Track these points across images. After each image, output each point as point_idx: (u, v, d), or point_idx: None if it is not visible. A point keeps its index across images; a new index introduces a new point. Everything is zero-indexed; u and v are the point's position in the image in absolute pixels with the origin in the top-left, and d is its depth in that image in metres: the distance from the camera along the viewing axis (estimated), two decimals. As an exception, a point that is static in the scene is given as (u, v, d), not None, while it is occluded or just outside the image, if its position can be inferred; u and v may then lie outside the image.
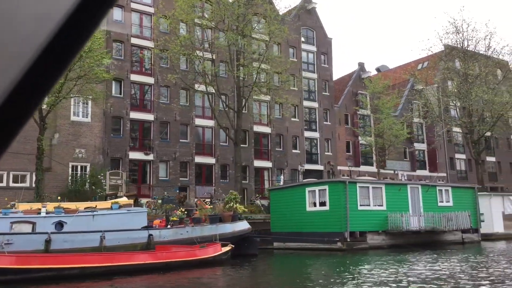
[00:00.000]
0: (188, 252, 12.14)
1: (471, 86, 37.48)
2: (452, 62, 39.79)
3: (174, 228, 14.26)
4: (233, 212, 16.52)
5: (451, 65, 38.92)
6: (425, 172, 46.75)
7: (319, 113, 41.16)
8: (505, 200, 28.25)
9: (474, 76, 37.28)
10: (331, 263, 17.26)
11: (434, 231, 20.78)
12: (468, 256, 17.93)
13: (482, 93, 35.77)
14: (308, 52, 41.71)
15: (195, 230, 14.46)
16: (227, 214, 16.12)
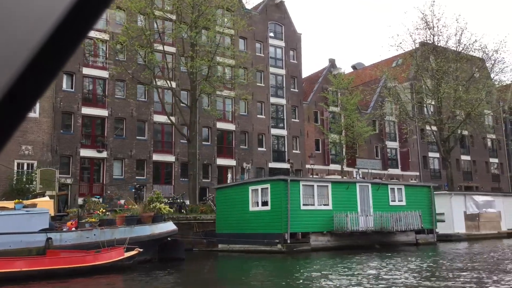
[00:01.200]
0: (79, 258, 10.91)
1: (439, 82, 36.64)
2: (423, 59, 38.88)
3: (79, 230, 13.00)
4: (155, 212, 15.29)
5: (421, 61, 38.01)
6: (397, 171, 45.92)
7: (287, 110, 40.06)
8: (467, 200, 27.36)
9: (442, 72, 36.40)
10: (265, 267, 16.13)
11: (383, 231, 19.73)
12: (412, 259, 16.91)
13: (450, 90, 34.92)
14: (276, 47, 40.58)
15: (105, 233, 13.22)
16: (146, 215, 14.89)
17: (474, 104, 34.99)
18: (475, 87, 36.10)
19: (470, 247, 22.81)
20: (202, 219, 24.06)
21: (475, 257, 18.50)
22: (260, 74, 39.16)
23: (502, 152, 54.86)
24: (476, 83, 37.18)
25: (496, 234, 27.90)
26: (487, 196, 29.09)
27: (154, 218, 14.99)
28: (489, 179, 52.80)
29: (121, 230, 13.61)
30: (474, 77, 38.29)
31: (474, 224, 27.23)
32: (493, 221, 28.20)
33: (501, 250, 21.65)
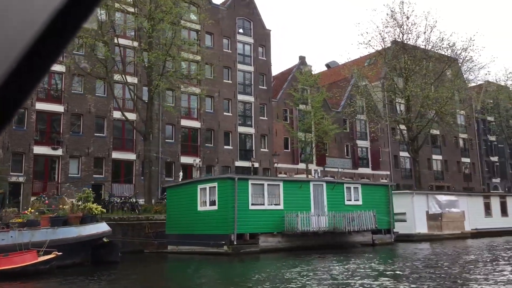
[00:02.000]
0: (-24, 263, 9.93)
1: (407, 81, 36.30)
2: (392, 57, 38.49)
3: (-8, 232, 11.99)
4: (85, 213, 14.30)
5: (389, 60, 37.61)
6: (367, 170, 45.55)
7: (255, 108, 39.26)
8: (429, 199, 26.94)
9: (408, 70, 36.05)
10: (204, 270, 15.28)
11: (336, 232, 19.05)
12: (364, 260, 16.26)
13: (416, 88, 34.58)
14: (244, 44, 39.75)
15: (23, 234, 12.21)
16: (74, 215, 13.89)
17: (441, 103, 34.68)
18: (443, 85, 35.81)
19: (429, 247, 22.33)
20: (155, 219, 23.09)
21: (429, 257, 17.96)
22: (228, 70, 38.31)
23: (474, 152, 55.05)
24: (444, 82, 36.91)
25: (460, 234, 27.56)
26: (451, 195, 28.75)
27: (84, 219, 14.01)
28: (460, 178, 52.89)
29: (42, 232, 12.61)
30: (446, 76, 38.00)
31: (436, 224, 26.82)
32: (456, 221, 27.86)
33: (459, 250, 21.21)
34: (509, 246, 22.44)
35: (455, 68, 38.17)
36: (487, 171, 55.77)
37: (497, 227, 29.99)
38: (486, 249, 21.11)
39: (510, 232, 30.11)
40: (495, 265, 14.32)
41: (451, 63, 36.81)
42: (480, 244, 23.96)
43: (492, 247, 22.62)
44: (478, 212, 29.30)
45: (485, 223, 29.38)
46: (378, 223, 21.34)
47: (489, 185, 55.49)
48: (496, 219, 30.30)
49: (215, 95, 37.17)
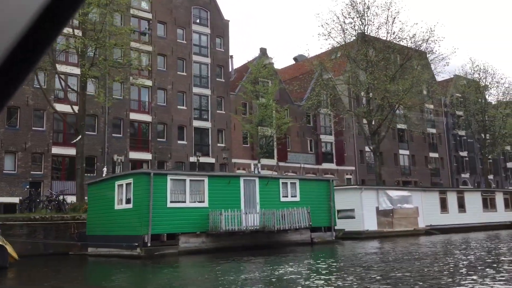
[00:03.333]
0: None
1: (366, 73, 35.18)
2: (353, 49, 37.32)
3: None
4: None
5: (350, 51, 36.42)
6: (331, 165, 44.45)
7: (212, 101, 37.72)
8: (380, 195, 25.80)
9: (369, 62, 34.94)
10: (107, 276, 13.77)
11: (268, 231, 17.68)
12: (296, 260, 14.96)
13: (373, 81, 33.48)
14: (200, 34, 38.14)
15: None
16: None
17: (399, 95, 33.63)
18: (404, 78, 34.74)
19: (374, 245, 21.16)
20: (82, 219, 21.44)
21: (369, 256, 16.74)
22: (182, 62, 36.69)
23: (443, 147, 54.41)
24: (406, 75, 35.81)
25: (412, 231, 26.52)
26: (403, 191, 27.69)
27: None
28: (428, 174, 52.20)
29: None
30: (414, 69, 36.76)
31: (387, 220, 25.72)
32: (409, 217, 26.82)
33: (406, 248, 20.06)
34: (452, 243, 21.40)
35: (420, 60, 37.02)
36: (456, 166, 55.22)
37: (454, 223, 29.09)
38: (433, 246, 20.01)
39: (467, 228, 29.24)
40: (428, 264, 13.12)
41: (411, 55, 35.72)
42: (432, 241, 22.90)
43: (443, 244, 21.58)
44: (433, 208, 28.32)
45: (440, 220, 28.42)
46: (318, 220, 20.11)
47: (458, 180, 54.96)
48: (453, 215, 29.38)
49: (168, 88, 35.56)
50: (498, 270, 11.31)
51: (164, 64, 35.73)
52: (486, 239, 23.79)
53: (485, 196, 31.97)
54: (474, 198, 31.13)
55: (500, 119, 44.11)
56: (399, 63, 36.29)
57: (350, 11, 36.40)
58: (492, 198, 32.44)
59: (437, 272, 11.44)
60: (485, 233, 28.40)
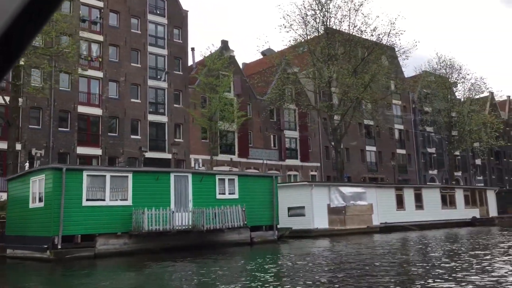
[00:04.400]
0: None
1: (328, 67, 34.21)
2: (314, 42, 36.31)
3: None
4: None
5: (311, 44, 35.39)
6: (296, 161, 43.49)
7: (169, 94, 36.22)
8: (332, 191, 24.83)
9: (329, 55, 33.98)
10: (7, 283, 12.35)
11: (195, 230, 16.44)
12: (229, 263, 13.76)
13: (331, 74, 32.53)
14: (157, 25, 36.57)
15: None
16: None
17: (358, 89, 32.76)
18: (363, 72, 33.85)
19: (320, 244, 20.14)
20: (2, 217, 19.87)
21: (305, 257, 15.65)
22: (137, 53, 35.09)
23: (410, 143, 54.02)
24: (367, 69, 34.94)
25: (366, 228, 25.66)
26: (357, 187, 26.80)
27: None
28: (395, 170, 51.67)
29: None
30: (381, 63, 35.81)
31: (339, 218, 24.78)
32: (363, 214, 25.94)
33: (350, 247, 19.09)
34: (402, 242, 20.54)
35: (381, 54, 36.15)
36: (424, 162, 54.93)
37: (410, 220, 28.36)
38: (377, 246, 19.09)
39: (424, 226, 28.55)
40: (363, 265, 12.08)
41: (373, 49, 34.86)
42: (381, 240, 22.01)
43: (392, 243, 20.70)
44: (389, 204, 27.52)
45: (396, 217, 27.65)
46: (259, 219, 18.99)
47: (426, 176, 54.70)
48: (410, 212, 28.65)
49: (121, 80, 33.95)
50: (427, 270, 10.34)
51: (117, 55, 34.10)
52: (438, 237, 23.05)
53: (444, 193, 31.38)
54: (433, 195, 30.50)
55: (466, 115, 43.77)
56: (360, 56, 35.39)
57: (312, 3, 35.40)
58: (452, 195, 31.88)
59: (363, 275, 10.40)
60: (443, 231, 27.77)
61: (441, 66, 45.21)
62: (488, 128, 46.44)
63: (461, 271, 10.13)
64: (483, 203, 33.93)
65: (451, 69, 44.38)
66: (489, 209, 34.27)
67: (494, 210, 34.95)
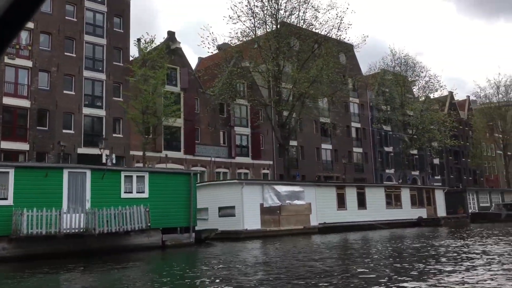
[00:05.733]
0: None
1: (271, 61, 32.84)
2: (262, 35, 34.87)
3: None
4: None
5: (259, 37, 33.95)
6: (246, 159, 42.01)
7: (108, 87, 34.09)
8: (266, 190, 23.39)
9: (277, 49, 32.61)
10: None
11: (86, 234, 14.65)
12: (124, 272, 12.00)
13: (280, 68, 31.22)
14: (95, 12, 34.35)
15: None
16: None
17: (302, 84, 31.48)
18: (311, 67, 32.56)
19: (245, 247, 18.62)
20: None
21: (216, 262, 14.07)
22: (72, 42, 32.81)
23: (367, 142, 53.35)
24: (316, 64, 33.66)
25: (303, 229, 24.34)
26: (294, 186, 25.45)
27: None
28: (352, 169, 50.90)
29: None
30: (313, 54, 34.46)
31: (273, 218, 23.37)
32: (300, 214, 24.63)
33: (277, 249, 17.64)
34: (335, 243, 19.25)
35: (329, 48, 34.91)
36: (381, 161, 54.37)
37: (352, 221, 27.25)
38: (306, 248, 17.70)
39: (367, 226, 27.51)
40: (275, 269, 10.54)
41: (320, 43, 33.67)
42: (317, 241, 20.70)
43: (326, 244, 19.38)
44: (329, 204, 26.31)
45: (337, 217, 26.47)
46: (173, 220, 17.34)
47: (383, 175, 54.16)
48: (352, 212, 27.54)
49: (53, 70, 31.64)
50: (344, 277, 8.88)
51: (49, 43, 31.77)
52: (375, 238, 21.94)
53: (389, 192, 30.45)
54: (377, 194, 29.51)
55: (419, 114, 43.22)
56: (309, 51, 34.14)
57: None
58: (397, 195, 31.00)
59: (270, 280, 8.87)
60: (388, 231, 26.77)
61: (395, 64, 44.53)
62: (442, 127, 46.12)
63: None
64: (431, 202, 33.23)
65: (406, 66, 43.75)
66: (437, 209, 33.60)
67: (442, 210, 34.32)
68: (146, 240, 16.58)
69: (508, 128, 58.73)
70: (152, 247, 16.75)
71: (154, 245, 16.82)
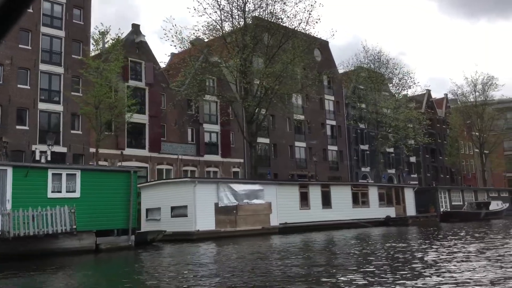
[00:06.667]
0: None
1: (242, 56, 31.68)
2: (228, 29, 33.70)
3: None
4: None
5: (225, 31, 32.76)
6: (216, 157, 40.82)
7: (66, 81, 32.55)
8: (221, 189, 22.23)
9: (243, 43, 31.46)
10: None
11: (2, 238, 13.32)
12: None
13: (237, 60, 30.06)
14: (53, 3, 32.77)
15: None
16: None
17: (267, 79, 30.41)
18: (275, 61, 31.44)
19: (191, 250, 17.45)
20: None
21: (142, 268, 12.88)
22: (27, 34, 31.20)
23: (342, 140, 52.55)
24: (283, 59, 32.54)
25: (261, 230, 23.26)
26: (253, 184, 24.35)
27: None
28: (326, 167, 50.05)
29: None
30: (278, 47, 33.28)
31: (229, 219, 22.25)
32: (259, 214, 23.55)
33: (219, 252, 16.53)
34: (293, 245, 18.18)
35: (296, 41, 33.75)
36: (356, 159, 53.63)
37: (316, 220, 26.27)
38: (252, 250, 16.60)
39: (332, 226, 26.54)
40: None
41: (288, 37, 32.61)
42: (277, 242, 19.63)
43: (283, 246, 18.32)
44: (292, 203, 25.28)
45: (299, 216, 25.46)
46: (109, 222, 16.08)
47: (358, 174, 53.45)
48: (316, 211, 26.55)
49: (6, 63, 30.04)
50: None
51: None
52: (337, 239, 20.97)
53: (356, 190, 29.54)
54: (343, 192, 28.58)
55: (392, 111, 42.51)
56: (276, 45, 33.04)
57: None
58: (365, 193, 30.12)
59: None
60: (355, 231, 25.83)
61: (369, 61, 43.73)
62: (418, 125, 45.54)
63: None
64: (400, 201, 32.45)
65: (379, 63, 42.98)
66: (407, 208, 32.84)
67: (412, 209, 33.57)
68: (76, 243, 15.29)
69: (485, 126, 58.49)
70: (84, 251, 15.46)
71: (86, 248, 15.53)
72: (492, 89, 56.14)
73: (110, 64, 25.97)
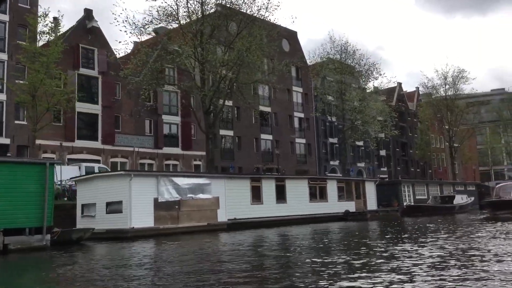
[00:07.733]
0: None
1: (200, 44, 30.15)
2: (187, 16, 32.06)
3: None
4: None
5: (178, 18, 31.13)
6: (176, 149, 39.33)
7: (10, 68, 30.53)
8: (162, 183, 20.81)
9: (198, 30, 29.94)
10: None
11: None
12: None
13: (203, 51, 28.64)
14: (-5, -16, 30.54)
15: None
16: None
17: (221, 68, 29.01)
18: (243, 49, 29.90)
19: (119, 250, 16.02)
20: None
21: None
22: (-35, 17, 29.07)
23: (311, 133, 51.55)
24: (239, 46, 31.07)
25: (207, 226, 21.96)
26: (199, 178, 23.00)
27: None
28: (294, 160, 49.02)
29: None
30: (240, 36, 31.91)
31: (170, 215, 20.88)
32: (204, 210, 22.25)
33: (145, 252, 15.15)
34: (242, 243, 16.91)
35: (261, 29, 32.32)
36: (324, 152, 52.75)
37: (269, 216, 25.11)
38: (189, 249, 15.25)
39: (286, 221, 25.44)
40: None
41: (246, 24, 31.14)
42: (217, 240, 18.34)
43: (228, 244, 17.05)
44: (242, 198, 24.04)
45: (250, 212, 24.25)
46: (19, 220, 14.52)
47: (326, 167, 52.61)
48: (269, 206, 25.37)
49: None
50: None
51: None
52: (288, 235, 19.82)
53: (313, 184, 28.47)
54: (299, 186, 27.48)
55: (357, 103, 41.60)
56: (234, 32, 31.60)
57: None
58: (323, 187, 29.08)
59: None
60: (310, 227, 24.74)
61: (335, 51, 42.66)
62: (384, 117, 44.77)
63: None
64: (360, 195, 31.56)
65: (345, 54, 41.96)
66: (367, 202, 31.97)
67: (373, 203, 32.75)
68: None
69: (455, 120, 58.24)
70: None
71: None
72: (463, 82, 55.83)
73: (47, 50, 24.13)
